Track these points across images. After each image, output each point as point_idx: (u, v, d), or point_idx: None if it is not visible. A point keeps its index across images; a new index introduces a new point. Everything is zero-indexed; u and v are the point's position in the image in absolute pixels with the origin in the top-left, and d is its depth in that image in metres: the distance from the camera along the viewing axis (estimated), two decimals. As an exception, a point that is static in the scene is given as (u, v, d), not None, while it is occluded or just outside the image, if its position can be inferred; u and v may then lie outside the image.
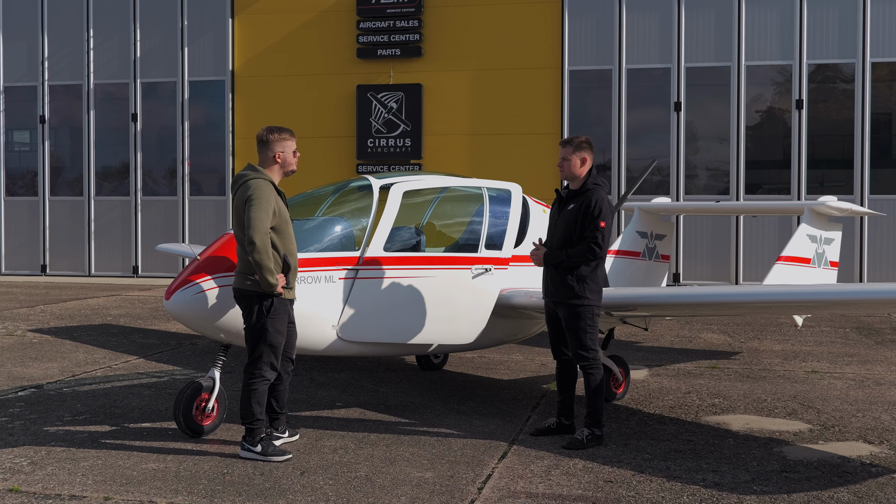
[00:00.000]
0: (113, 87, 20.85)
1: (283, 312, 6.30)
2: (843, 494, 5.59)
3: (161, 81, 20.60)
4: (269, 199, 6.15)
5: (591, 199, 6.70)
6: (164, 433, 6.93)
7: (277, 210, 6.22)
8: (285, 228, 6.30)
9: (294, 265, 6.37)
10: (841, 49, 17.57)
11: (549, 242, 6.92)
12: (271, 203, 6.16)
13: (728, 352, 10.86)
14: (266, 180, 6.26)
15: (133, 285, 18.96)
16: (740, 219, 17.74)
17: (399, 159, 19.17)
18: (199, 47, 20.35)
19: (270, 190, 6.22)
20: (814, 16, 17.58)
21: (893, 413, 7.71)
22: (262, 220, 6.08)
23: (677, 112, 18.00)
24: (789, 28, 17.67)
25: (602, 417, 6.74)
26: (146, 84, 20.64)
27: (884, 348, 11.10)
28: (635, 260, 10.70)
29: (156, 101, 20.76)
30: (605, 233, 6.65)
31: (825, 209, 10.33)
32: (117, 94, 20.80)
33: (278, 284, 6.16)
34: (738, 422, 7.41)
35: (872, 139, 17.47)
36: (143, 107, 20.64)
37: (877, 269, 17.39)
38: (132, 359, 10.27)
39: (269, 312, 6.22)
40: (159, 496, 5.50)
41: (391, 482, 5.78)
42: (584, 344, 6.72)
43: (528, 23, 18.67)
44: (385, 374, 9.36)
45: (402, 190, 7.64)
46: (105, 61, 20.81)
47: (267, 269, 6.08)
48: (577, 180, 6.85)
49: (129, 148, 20.63)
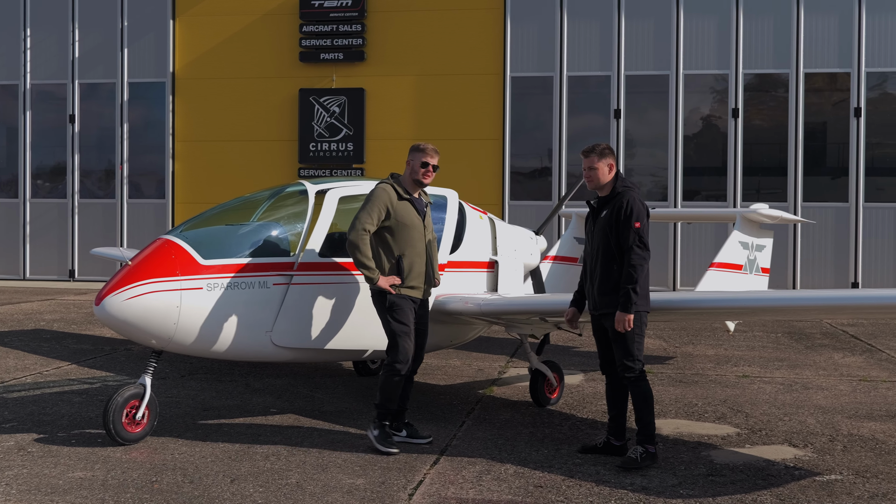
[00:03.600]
0: (51, 88, 20.52)
1: (405, 309, 6.68)
2: (767, 497, 5.70)
3: (100, 82, 20.32)
4: (376, 202, 6.65)
5: (622, 201, 6.43)
6: (93, 440, 6.83)
7: (393, 213, 6.67)
8: (403, 231, 6.71)
9: (413, 266, 6.68)
10: (776, 59, 17.97)
11: (588, 256, 6.64)
12: (377, 206, 6.63)
13: (663, 356, 11.02)
14: (387, 185, 6.75)
15: (69, 289, 18.64)
16: (678, 225, 18.02)
17: (341, 163, 19.14)
18: (140, 48, 20.11)
19: (385, 195, 6.68)
20: (750, 26, 17.94)
21: (819, 417, 7.90)
22: (361, 219, 6.60)
23: (617, 119, 18.23)
24: (726, 38, 18.01)
25: (654, 432, 6.40)
26: (85, 85, 20.35)
27: (813, 353, 11.35)
28: (573, 266, 10.82)
29: (94, 103, 20.48)
30: (641, 232, 6.35)
31: (756, 216, 10.55)
32: (55, 95, 20.46)
33: (377, 279, 6.60)
34: (669, 426, 7.52)
35: (806, 148, 17.88)
36: (82, 108, 20.34)
37: (809, 276, 17.79)
38: (64, 365, 10.11)
39: (389, 308, 6.67)
40: (85, 505, 5.43)
41: (322, 489, 5.77)
42: (632, 353, 6.38)
43: (470, 29, 18.78)
44: (321, 380, 9.34)
45: (339, 195, 7.63)
46: (42, 61, 20.47)
47: (358, 264, 6.61)
48: (606, 187, 6.58)
49: (66, 149, 20.30)
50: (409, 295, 6.76)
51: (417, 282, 6.79)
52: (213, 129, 19.77)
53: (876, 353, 11.31)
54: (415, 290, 6.79)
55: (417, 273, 6.78)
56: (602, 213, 6.54)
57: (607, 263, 6.44)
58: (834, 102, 18.19)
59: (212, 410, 7.96)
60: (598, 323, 6.64)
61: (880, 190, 17.93)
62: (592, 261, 6.58)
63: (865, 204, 17.77)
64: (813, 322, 14.07)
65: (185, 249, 6.78)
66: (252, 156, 19.53)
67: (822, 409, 8.18)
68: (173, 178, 19.87)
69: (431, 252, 6.93)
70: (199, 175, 19.71)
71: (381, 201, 6.69)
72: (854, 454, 6.71)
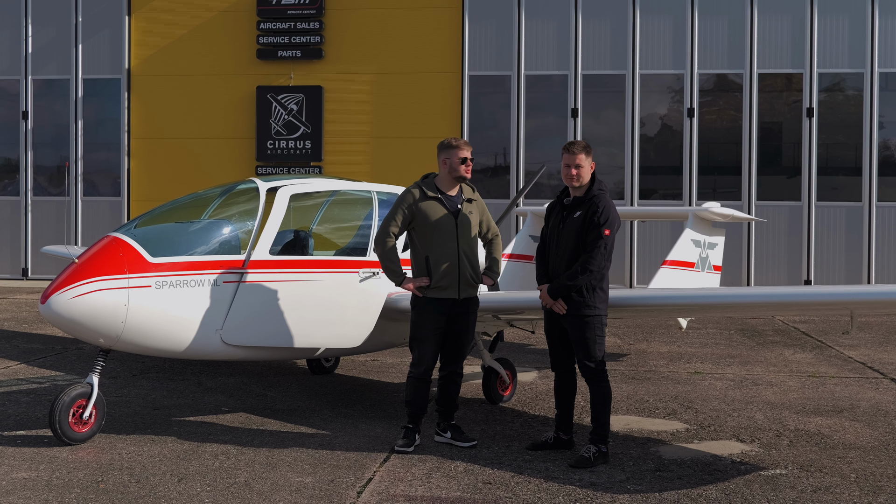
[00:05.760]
0: (3, 84, 20.19)
1: (424, 313, 6.67)
2: (712, 492, 5.77)
3: (54, 79, 20.03)
4: (397, 206, 6.71)
5: (597, 205, 6.39)
6: (39, 441, 6.74)
7: (418, 214, 6.64)
8: (429, 231, 6.66)
9: (439, 266, 6.60)
10: (730, 60, 18.16)
11: (554, 255, 6.52)
12: (398, 210, 6.68)
13: (617, 353, 11.10)
14: (414, 187, 6.74)
15: (21, 288, 18.37)
16: (634, 223, 18.16)
17: (299, 161, 19.04)
18: (95, 44, 19.85)
19: (408, 197, 6.68)
20: (704, 27, 18.13)
21: (767, 412, 8.00)
22: (383, 223, 6.74)
23: (574, 118, 18.33)
24: (681, 38, 18.18)
25: (608, 432, 6.46)
26: (38, 81, 20.05)
27: (764, 349, 11.50)
28: (528, 264, 10.85)
29: (48, 99, 20.18)
30: (608, 242, 6.34)
31: (708, 215, 10.66)
32: (7, 91, 20.15)
33: (398, 282, 6.71)
34: (620, 422, 7.58)
35: (760, 147, 18.10)
36: (35, 104, 20.04)
37: (763, 273, 18.02)
38: (13, 364, 9.96)
39: (414, 308, 6.73)
40: (28, 506, 5.36)
41: (270, 487, 5.75)
42: (593, 355, 6.41)
43: (428, 27, 18.77)
44: (275, 379, 9.30)
45: (290, 193, 7.59)
46: (-6, 57, 20.14)
47: (383, 267, 6.76)
48: (582, 187, 6.51)
49: (18, 146, 20.00)
50: (438, 297, 6.64)
51: (446, 282, 6.63)
52: (170, 126, 19.57)
53: (825, 350, 11.49)
54: (445, 290, 6.64)
55: (445, 273, 6.63)
56: (575, 213, 6.47)
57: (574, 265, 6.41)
58: (787, 103, 18.43)
59: (162, 410, 7.89)
60: (554, 321, 6.65)
61: (833, 189, 18.19)
62: (557, 260, 6.51)
63: (818, 203, 18.02)
64: (765, 319, 14.25)
65: (133, 247, 6.72)
66: (209, 153, 19.36)
67: (770, 405, 8.29)
68: (129, 175, 19.65)
69: (469, 249, 6.73)
70: (156, 172, 19.51)
71: (402, 204, 6.70)
72: (800, 449, 6.81)
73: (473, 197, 6.90)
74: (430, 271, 6.64)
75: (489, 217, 7.00)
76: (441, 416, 6.89)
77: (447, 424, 6.88)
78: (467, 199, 6.84)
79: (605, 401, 6.49)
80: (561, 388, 6.77)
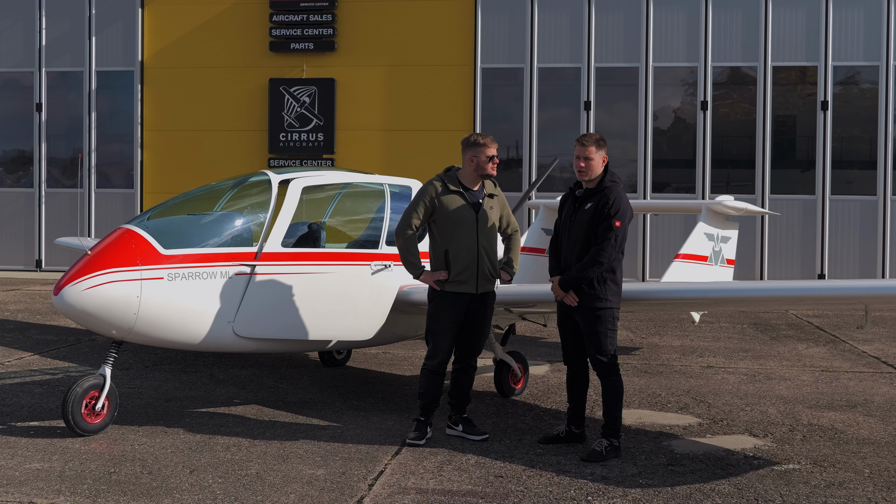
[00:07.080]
0: (17, 76, 20.25)
1: (440, 306, 6.66)
2: (725, 486, 5.75)
3: (67, 71, 20.07)
4: (419, 198, 6.71)
5: (608, 196, 6.38)
6: (52, 432, 6.77)
7: (439, 207, 6.64)
8: (449, 225, 6.66)
9: (458, 260, 6.59)
10: (744, 52, 18.05)
11: (566, 247, 6.52)
12: (420, 201, 6.68)
13: (629, 347, 11.07)
14: (436, 179, 6.73)
15: (35, 279, 18.45)
16: (647, 217, 18.09)
17: (312, 154, 19.04)
18: (108, 37, 19.87)
19: (430, 189, 6.68)
20: (718, 19, 18.02)
21: (780, 407, 7.97)
22: (404, 215, 6.75)
23: (587, 111, 18.27)
24: (695, 31, 18.08)
25: (620, 426, 6.43)
26: (52, 73, 20.09)
27: (778, 344, 11.45)
28: (540, 257, 10.83)
29: (62, 91, 20.22)
30: (618, 233, 6.32)
31: (722, 208, 10.61)
32: (21, 83, 20.21)
33: (416, 275, 6.72)
34: (632, 416, 7.56)
35: (774, 141, 18.00)
36: (49, 96, 20.08)
37: (776, 267, 17.93)
38: (27, 355, 10.01)
39: (431, 301, 6.73)
40: (40, 496, 5.38)
41: (282, 480, 5.76)
42: (605, 349, 6.39)
43: (441, 20, 18.73)
44: (287, 371, 9.31)
45: (302, 185, 7.59)
46: (8, 49, 20.17)
47: (402, 259, 6.78)
48: (594, 179, 6.50)
49: (32, 138, 20.06)
50: (455, 290, 6.64)
51: (465, 276, 6.63)
52: (183, 118, 19.60)
53: (839, 344, 11.43)
54: (463, 284, 6.64)
55: (463, 267, 6.63)
56: (586, 205, 6.46)
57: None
58: (802, 96, 18.31)
59: (174, 401, 7.91)
60: (566, 315, 6.63)
61: (848, 183, 18.08)
62: (569, 251, 6.50)
63: (832, 196, 17.91)
64: (779, 313, 14.19)
65: (145, 239, 6.74)
66: (222, 146, 19.38)
67: (783, 400, 8.25)
68: (142, 167, 19.70)
69: (489, 244, 6.73)
70: (169, 165, 19.54)
71: (424, 196, 6.70)
72: (813, 444, 6.78)
73: (495, 192, 6.89)
74: (448, 265, 6.62)
75: (509, 212, 6.99)
76: (453, 408, 6.88)
77: (459, 417, 6.87)
78: (489, 194, 6.82)
79: (617, 395, 6.47)
80: (573, 381, 6.75)
